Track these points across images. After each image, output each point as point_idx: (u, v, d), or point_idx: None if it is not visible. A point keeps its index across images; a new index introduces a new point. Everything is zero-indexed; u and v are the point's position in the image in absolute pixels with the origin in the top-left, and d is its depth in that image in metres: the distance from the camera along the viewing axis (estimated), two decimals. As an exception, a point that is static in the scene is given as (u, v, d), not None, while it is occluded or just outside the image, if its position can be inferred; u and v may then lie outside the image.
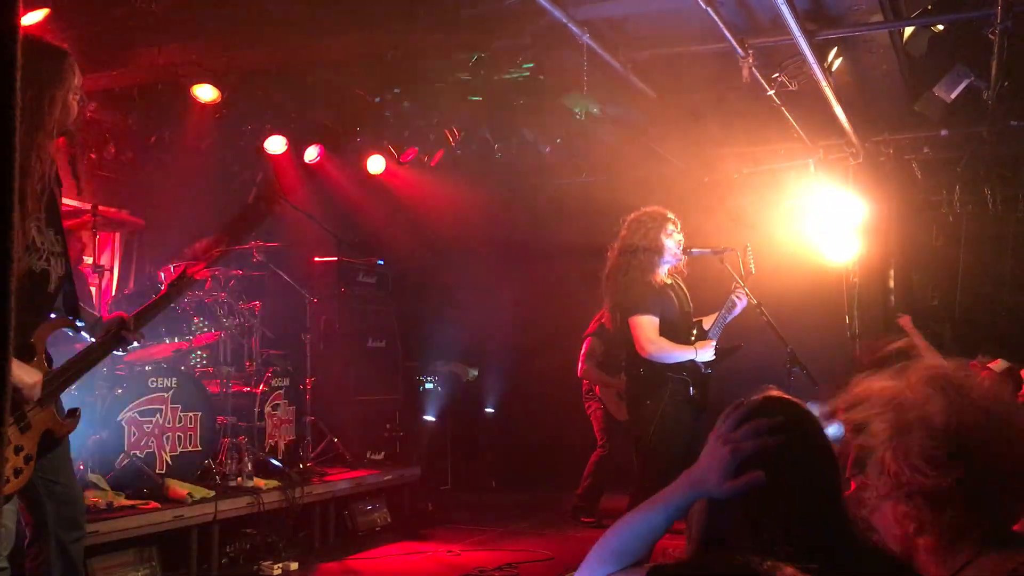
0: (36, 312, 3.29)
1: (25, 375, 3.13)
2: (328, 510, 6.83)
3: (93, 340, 3.53)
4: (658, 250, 5.06)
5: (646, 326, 4.97)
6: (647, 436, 4.97)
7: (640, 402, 5.07)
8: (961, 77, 6.52)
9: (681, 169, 8.82)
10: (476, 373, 9.75)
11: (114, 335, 3.52)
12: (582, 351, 7.68)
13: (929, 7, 5.73)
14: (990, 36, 5.66)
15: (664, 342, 4.99)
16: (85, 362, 3.46)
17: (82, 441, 5.47)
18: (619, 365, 6.80)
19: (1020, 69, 6.52)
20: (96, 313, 3.86)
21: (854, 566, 1.50)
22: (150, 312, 3.66)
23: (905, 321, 7.30)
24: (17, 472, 3.13)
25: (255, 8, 6.00)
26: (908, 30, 6.08)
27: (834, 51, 6.17)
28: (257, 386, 6.83)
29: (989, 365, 5.91)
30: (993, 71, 6.24)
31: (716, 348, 5.10)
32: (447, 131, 7.84)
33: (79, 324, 3.54)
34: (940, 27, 5.98)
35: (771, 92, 6.53)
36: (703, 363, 5.07)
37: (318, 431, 7.26)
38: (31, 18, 5.53)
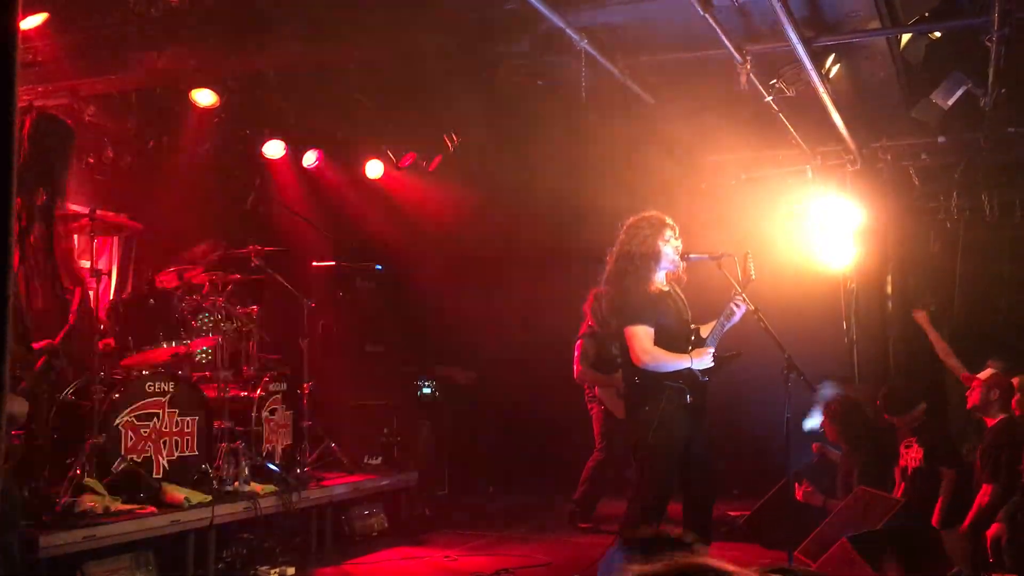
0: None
1: (17, 406, 3.28)
2: (325, 515, 6.81)
3: None
4: (655, 256, 5.05)
5: (641, 336, 4.97)
6: (645, 442, 4.97)
7: (638, 409, 5.07)
8: (958, 84, 6.53)
9: (679, 175, 8.83)
10: (473, 377, 9.74)
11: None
12: (576, 354, 7.68)
13: (926, 14, 5.75)
14: (987, 43, 5.68)
15: (659, 352, 4.98)
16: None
17: (79, 445, 5.47)
18: (614, 363, 6.80)
19: (1017, 76, 6.54)
20: None
21: None
22: None
23: (921, 316, 7.31)
24: None
25: (254, 13, 6.01)
26: (905, 37, 6.10)
27: (832, 58, 6.19)
28: (254, 390, 6.82)
29: (978, 375, 5.95)
30: (990, 78, 6.26)
31: (715, 356, 5.09)
32: (445, 136, 7.84)
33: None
34: (937, 34, 6.00)
35: (769, 99, 6.55)
36: (701, 371, 5.06)
37: (315, 436, 7.25)
38: (30, 22, 5.54)
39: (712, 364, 5.07)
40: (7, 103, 0.95)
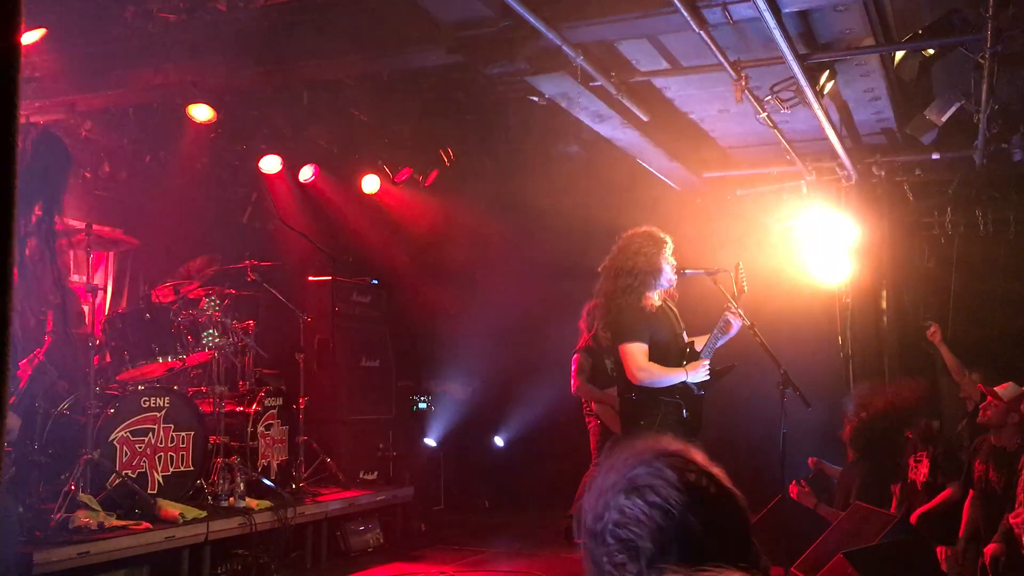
0: None
1: (10, 421, 3.29)
2: (320, 530, 6.80)
3: None
4: (656, 272, 5.06)
5: (636, 353, 4.97)
6: (641, 457, 4.96)
7: (635, 424, 5.06)
8: (952, 100, 6.57)
9: (674, 191, 8.85)
10: (470, 392, 9.73)
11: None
12: (572, 369, 7.69)
13: (920, 31, 5.79)
14: (980, 60, 5.71)
15: (654, 368, 4.98)
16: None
17: (74, 461, 5.45)
18: (610, 378, 6.80)
19: (1010, 92, 6.58)
20: None
21: None
22: None
23: (934, 335, 7.35)
24: None
25: (251, 28, 6.03)
26: (899, 54, 6.13)
27: (826, 74, 6.21)
28: (250, 406, 6.81)
29: (996, 389, 5.90)
30: (983, 94, 6.29)
31: (710, 369, 5.09)
32: (441, 151, 7.86)
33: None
34: (931, 51, 6.03)
35: (764, 115, 6.57)
36: (696, 385, 5.06)
37: (311, 451, 7.23)
38: (28, 37, 5.56)
39: (707, 377, 5.07)
40: (9, 118, 0.96)
